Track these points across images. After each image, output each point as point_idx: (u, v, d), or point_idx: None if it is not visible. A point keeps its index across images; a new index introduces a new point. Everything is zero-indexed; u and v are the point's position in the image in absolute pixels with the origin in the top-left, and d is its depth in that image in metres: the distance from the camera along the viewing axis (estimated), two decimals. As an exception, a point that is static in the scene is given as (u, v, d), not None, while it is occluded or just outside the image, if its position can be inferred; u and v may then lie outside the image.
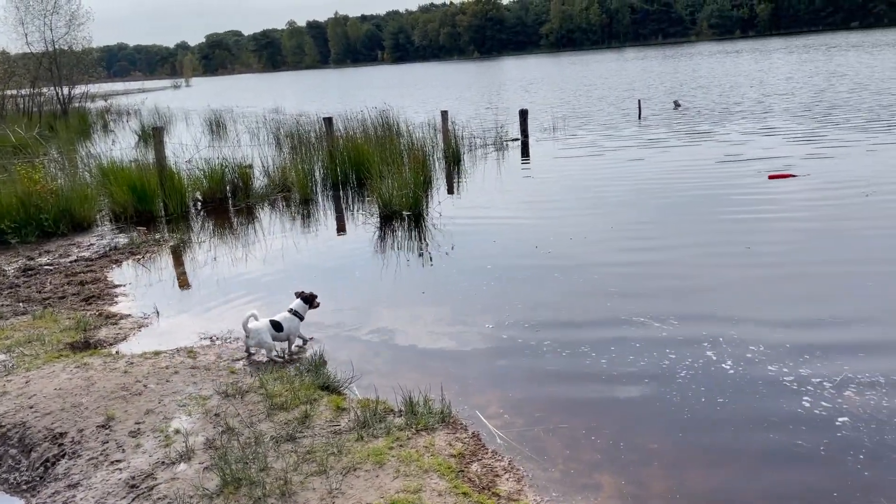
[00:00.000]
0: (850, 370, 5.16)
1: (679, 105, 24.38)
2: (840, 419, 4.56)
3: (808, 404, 4.76)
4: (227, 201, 13.25)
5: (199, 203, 13.10)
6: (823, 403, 4.75)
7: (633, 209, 10.65)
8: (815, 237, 8.58)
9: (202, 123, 29.77)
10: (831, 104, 21.50)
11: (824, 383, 5.01)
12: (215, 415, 4.93)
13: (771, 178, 11.84)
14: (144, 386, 5.45)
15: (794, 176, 11.82)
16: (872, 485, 3.93)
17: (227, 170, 13.41)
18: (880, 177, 11.32)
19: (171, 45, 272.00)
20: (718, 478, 4.15)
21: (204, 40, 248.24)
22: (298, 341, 6.28)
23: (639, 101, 24.67)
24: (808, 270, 7.47)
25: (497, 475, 4.17)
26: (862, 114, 18.84)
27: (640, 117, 22.43)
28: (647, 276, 7.65)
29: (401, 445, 4.43)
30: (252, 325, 5.95)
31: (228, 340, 6.54)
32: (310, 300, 6.33)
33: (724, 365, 5.41)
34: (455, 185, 14.10)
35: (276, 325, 6.07)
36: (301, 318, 6.23)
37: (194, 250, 10.13)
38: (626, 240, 9.08)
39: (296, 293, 6.37)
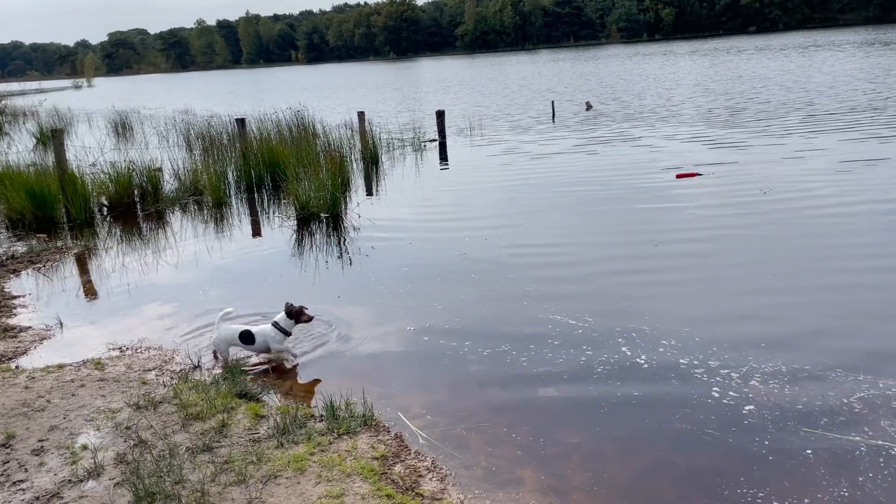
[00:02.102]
0: (755, 361, 5.41)
1: (591, 107, 25.01)
2: (746, 407, 4.77)
3: (716, 394, 4.97)
4: (136, 206, 12.75)
5: (106, 208, 12.55)
6: (731, 393, 4.97)
7: (547, 210, 10.85)
8: (718, 232, 8.96)
9: (107, 125, 28.58)
10: (738, 106, 22.50)
11: (732, 374, 5.23)
12: (126, 428, 4.74)
13: (678, 177, 12.30)
14: (48, 401, 5.19)
15: (699, 175, 12.31)
16: (776, 468, 4.13)
17: (134, 173, 12.89)
18: (777, 175, 11.93)
19: (71, 44, 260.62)
20: (635, 467, 4.27)
21: (107, 38, 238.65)
22: (288, 356, 5.89)
23: (552, 102, 25.17)
24: (713, 266, 7.81)
25: (420, 475, 4.17)
26: (765, 115, 19.80)
27: (553, 119, 22.89)
28: (561, 276, 7.82)
29: (322, 451, 4.37)
30: (222, 326, 5.78)
31: (139, 350, 6.29)
32: (296, 315, 5.80)
33: (638, 360, 5.58)
34: (374, 186, 14.04)
35: (247, 337, 5.78)
36: (286, 334, 5.78)
37: (101, 257, 9.70)
38: (541, 240, 9.24)
39: (285, 305, 5.89)
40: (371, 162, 16.21)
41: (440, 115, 19.38)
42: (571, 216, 10.41)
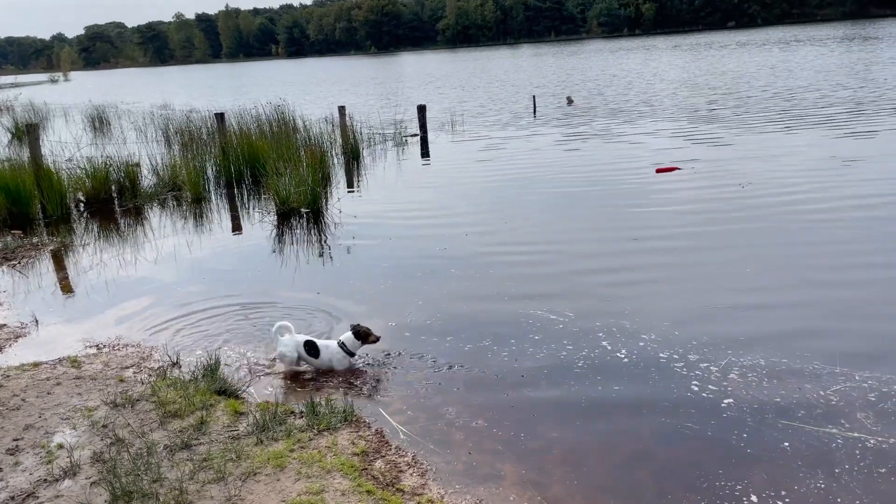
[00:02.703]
0: (734, 355, 5.45)
1: (572, 101, 25.06)
2: (725, 401, 4.81)
3: (696, 388, 5.00)
4: (113, 202, 12.60)
5: (82, 204, 12.39)
6: (710, 387, 5.00)
7: (528, 206, 10.86)
8: (697, 227, 9.02)
9: (83, 120, 28.22)
10: (721, 101, 22.60)
11: (711, 368, 5.27)
12: (103, 426, 4.68)
13: (658, 171, 12.35)
14: (23, 400, 5.11)
15: (679, 169, 12.38)
16: (754, 460, 4.17)
17: (111, 168, 12.74)
18: (756, 170, 12.02)
19: (47, 37, 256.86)
20: (615, 460, 4.29)
21: (83, 32, 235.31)
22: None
23: (533, 97, 25.18)
24: (692, 261, 7.85)
25: (401, 471, 4.16)
26: (747, 111, 19.93)
27: (534, 113, 22.91)
28: (542, 270, 7.83)
29: (302, 447, 4.35)
30: (285, 337, 5.53)
31: (117, 347, 6.22)
32: (363, 337, 5.58)
33: (618, 354, 5.60)
34: (355, 181, 13.98)
35: (311, 348, 5.55)
36: (351, 354, 5.58)
37: (78, 254, 9.58)
38: (522, 235, 9.25)
39: (351, 325, 5.72)
40: (352, 157, 16.14)
41: (421, 110, 19.32)
42: (551, 212, 10.43)
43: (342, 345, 5.57)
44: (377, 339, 5.68)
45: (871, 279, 6.95)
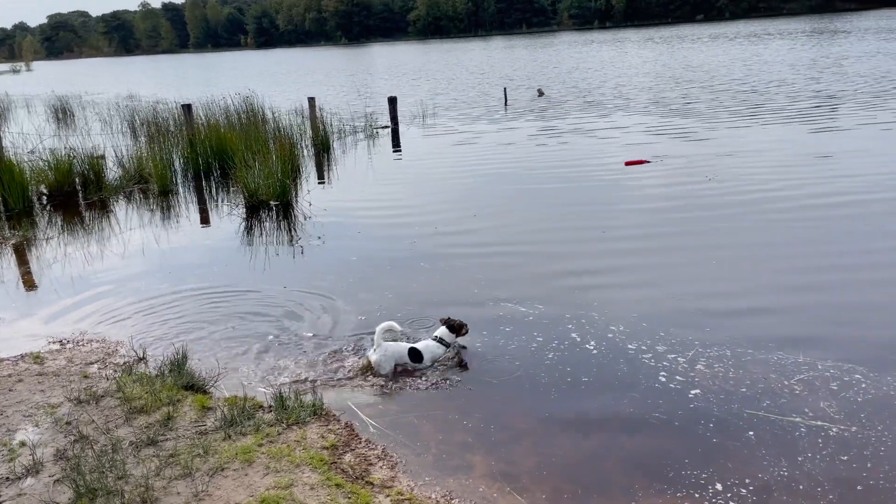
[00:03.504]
0: (701, 345, 5.52)
1: (542, 93, 25.13)
2: (692, 391, 4.87)
3: (664, 379, 5.05)
4: (77, 194, 12.36)
5: (45, 197, 12.14)
6: (678, 377, 5.06)
7: (498, 199, 10.88)
8: (664, 219, 9.10)
9: (46, 111, 27.65)
10: (693, 95, 22.77)
11: (678, 358, 5.33)
12: (66, 423, 4.60)
13: (627, 164, 12.44)
14: (-16, 397, 5.00)
15: (647, 162, 12.48)
16: (719, 449, 4.23)
17: (75, 161, 12.49)
18: (726, 164, 12.15)
19: (8, 26, 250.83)
20: (583, 450, 4.32)
21: (46, 21, 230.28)
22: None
23: (504, 88, 25.20)
24: (660, 253, 7.92)
25: (371, 464, 4.15)
26: (720, 105, 20.14)
27: (505, 105, 22.93)
28: (511, 263, 7.85)
29: (271, 441, 4.31)
30: (386, 344, 5.39)
31: (81, 343, 6.11)
32: (457, 329, 5.68)
33: (587, 345, 5.64)
34: (325, 173, 13.89)
35: (416, 356, 5.48)
36: (447, 346, 5.63)
37: (41, 248, 9.39)
38: (491, 229, 9.26)
39: (441, 319, 5.76)
40: (322, 149, 16.03)
41: (392, 102, 19.23)
42: (521, 204, 10.45)
43: (441, 340, 5.60)
44: (468, 331, 5.76)
45: (837, 273, 7.07)
